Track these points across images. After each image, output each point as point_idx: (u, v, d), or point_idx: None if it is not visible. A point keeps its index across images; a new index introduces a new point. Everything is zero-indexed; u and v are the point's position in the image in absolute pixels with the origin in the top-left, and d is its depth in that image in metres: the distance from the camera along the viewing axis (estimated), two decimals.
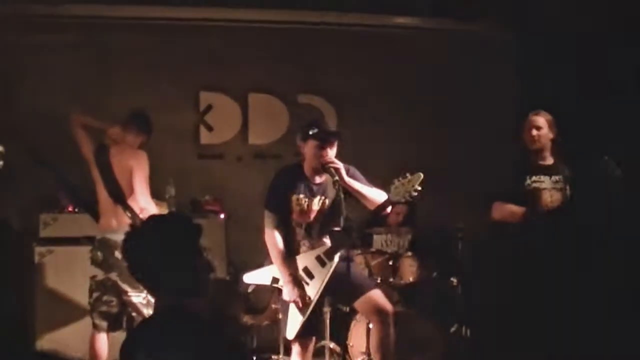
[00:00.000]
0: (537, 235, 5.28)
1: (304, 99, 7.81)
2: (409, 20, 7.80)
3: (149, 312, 5.38)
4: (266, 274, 5.13)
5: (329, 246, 4.97)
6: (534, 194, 5.47)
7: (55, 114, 6.41)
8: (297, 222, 5.03)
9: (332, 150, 4.92)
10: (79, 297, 6.04)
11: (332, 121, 7.50)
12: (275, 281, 5.06)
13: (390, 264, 6.39)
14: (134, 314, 5.47)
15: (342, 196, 4.75)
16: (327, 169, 4.86)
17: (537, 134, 5.52)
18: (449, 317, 6.37)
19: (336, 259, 4.89)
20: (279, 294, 5.12)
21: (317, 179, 5.04)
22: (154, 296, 2.96)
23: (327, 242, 5.02)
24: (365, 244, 6.55)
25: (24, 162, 5.96)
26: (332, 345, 6.17)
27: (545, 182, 5.49)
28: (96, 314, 5.56)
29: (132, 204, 5.50)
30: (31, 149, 6.06)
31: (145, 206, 5.46)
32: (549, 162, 5.58)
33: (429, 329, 5.95)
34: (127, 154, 5.63)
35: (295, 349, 5.03)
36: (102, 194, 5.63)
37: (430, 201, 5.17)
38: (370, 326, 5.38)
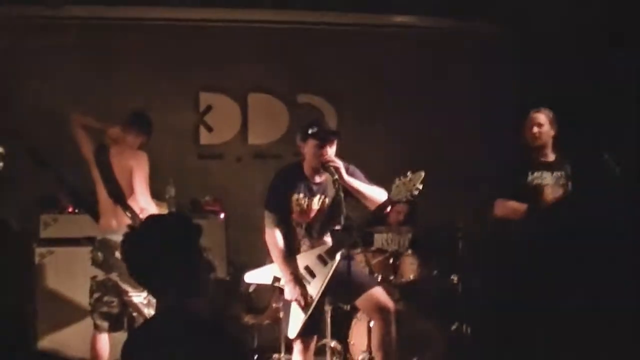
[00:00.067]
0: (539, 231, 5.29)
1: (303, 98, 7.82)
2: (408, 19, 7.80)
3: (149, 312, 5.39)
4: (267, 273, 5.14)
5: (330, 245, 4.99)
6: (536, 190, 5.48)
7: (55, 114, 6.40)
8: (297, 222, 5.03)
9: (332, 149, 4.93)
10: (80, 298, 6.03)
11: (332, 121, 7.51)
12: (276, 280, 5.07)
13: (390, 262, 6.39)
14: (135, 314, 5.47)
15: (342, 195, 4.75)
16: (327, 168, 4.87)
17: (538, 131, 5.55)
18: (449, 315, 6.38)
19: (338, 257, 4.90)
20: (280, 293, 5.13)
21: (317, 179, 5.05)
22: (155, 297, 2.95)
23: (327, 241, 5.04)
24: (366, 243, 6.55)
25: (25, 163, 5.96)
26: (333, 343, 6.17)
27: (547, 179, 5.51)
28: (97, 314, 5.56)
29: (132, 204, 5.50)
30: (31, 150, 6.06)
31: (145, 206, 5.46)
32: (551, 159, 5.60)
33: (430, 327, 5.96)
34: (127, 154, 5.63)
35: (296, 347, 5.04)
36: (102, 194, 5.63)
37: (430, 200, 5.18)
38: (371, 324, 5.38)
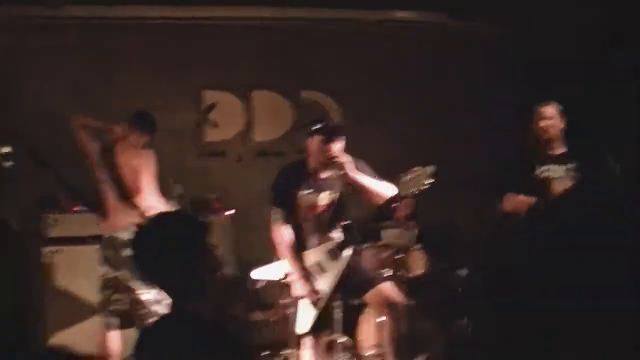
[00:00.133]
0: (546, 225, 5.29)
1: (307, 95, 7.82)
2: (412, 15, 7.79)
3: (159, 309, 5.39)
4: (275, 270, 5.14)
5: (339, 240, 4.98)
6: (544, 184, 5.47)
7: (56, 114, 6.43)
8: (304, 218, 5.03)
9: (338, 145, 4.93)
10: (88, 296, 6.06)
11: (336, 117, 7.52)
12: (284, 277, 5.07)
13: (398, 257, 6.39)
14: (145, 311, 5.48)
15: (348, 190, 4.76)
16: (333, 163, 4.87)
17: (547, 124, 5.53)
18: (457, 310, 6.38)
19: (347, 253, 4.90)
20: (288, 290, 5.14)
21: (323, 174, 5.05)
22: (166, 294, 2.95)
23: (336, 236, 5.03)
24: (374, 238, 6.55)
25: (31, 162, 5.98)
26: (342, 339, 6.18)
27: (556, 172, 5.49)
28: (107, 312, 5.57)
29: (139, 203, 5.52)
30: (31, 150, 6.08)
31: (153, 204, 5.48)
32: (560, 152, 5.58)
33: (438, 322, 5.97)
34: (132, 153, 5.64)
35: (306, 343, 5.05)
36: (109, 193, 5.64)
37: (437, 195, 5.18)
38: (380, 319, 5.38)
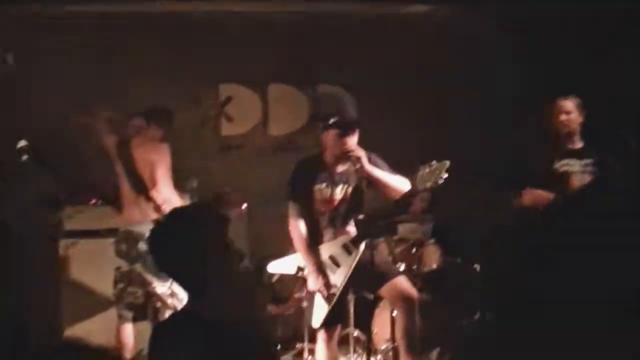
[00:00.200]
0: (564, 219, 5.26)
1: (323, 89, 7.81)
2: (428, 8, 7.74)
3: (173, 302, 5.42)
4: (290, 263, 5.15)
5: (354, 234, 4.98)
6: (563, 178, 5.44)
7: (73, 109, 6.46)
8: (320, 211, 5.04)
9: (353, 138, 4.93)
10: (104, 289, 6.06)
11: (353, 110, 7.49)
12: (299, 270, 5.08)
13: (413, 251, 6.38)
14: (159, 304, 5.50)
15: (364, 184, 4.76)
16: (348, 157, 4.88)
17: (566, 118, 5.50)
18: (472, 304, 6.36)
19: (362, 247, 4.89)
20: (303, 283, 5.14)
21: (338, 168, 5.06)
22: (184, 289, 2.94)
23: (351, 230, 5.03)
24: (390, 232, 6.54)
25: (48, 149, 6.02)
26: (356, 333, 6.18)
27: (574, 166, 5.46)
28: (121, 305, 5.60)
29: (155, 196, 5.53)
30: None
31: (168, 198, 5.49)
32: (578, 146, 5.55)
33: (452, 316, 5.96)
34: (149, 146, 5.66)
35: (320, 337, 5.06)
36: (125, 187, 5.66)
37: (453, 189, 5.16)
38: (394, 314, 5.38)
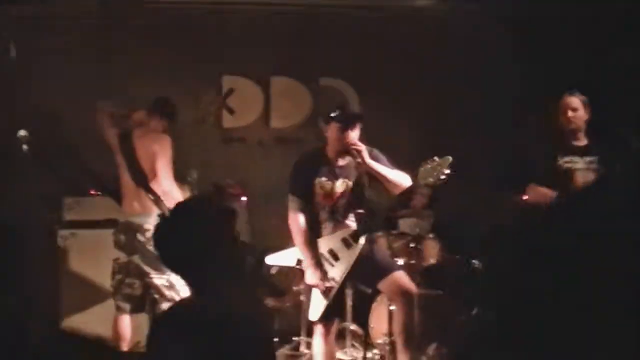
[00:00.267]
0: (567, 216, 5.25)
1: (325, 82, 7.81)
2: (432, 3, 7.73)
3: (171, 294, 5.42)
4: (290, 256, 5.15)
5: (354, 228, 4.98)
6: (566, 175, 5.45)
7: (76, 102, 6.46)
8: (320, 205, 5.04)
9: (355, 132, 4.93)
10: (102, 280, 6.06)
11: (355, 104, 7.50)
12: (298, 263, 5.08)
13: (412, 246, 6.38)
14: (157, 296, 5.49)
15: (365, 179, 4.75)
16: (350, 151, 4.87)
17: (573, 115, 5.50)
18: (470, 300, 6.36)
19: (362, 241, 4.89)
20: (302, 276, 5.14)
21: (340, 162, 5.05)
22: (189, 284, 2.92)
23: (351, 224, 5.03)
24: (390, 227, 6.54)
25: (47, 145, 6.00)
26: (353, 327, 6.19)
27: (578, 163, 5.47)
28: (119, 296, 5.60)
29: (155, 188, 5.53)
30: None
31: (168, 190, 5.49)
32: (583, 143, 5.56)
33: (451, 311, 5.96)
34: (150, 138, 5.65)
35: (318, 331, 5.05)
36: (125, 178, 5.66)
37: (455, 184, 5.16)
38: (391, 308, 5.38)
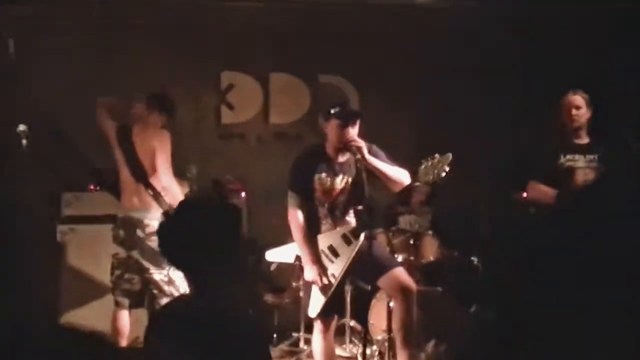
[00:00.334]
0: (567, 215, 5.26)
1: (324, 79, 7.80)
2: (432, 0, 7.73)
3: (170, 289, 5.41)
4: (289, 252, 5.15)
5: (354, 225, 4.97)
6: (567, 173, 5.48)
7: (75, 96, 6.45)
8: (320, 201, 5.04)
9: (354, 129, 4.93)
10: (101, 275, 6.06)
11: (354, 101, 7.50)
12: (297, 259, 5.08)
13: (411, 242, 6.38)
14: (156, 291, 5.48)
15: (364, 175, 4.75)
16: (349, 147, 4.87)
17: (576, 113, 5.54)
18: (469, 297, 6.37)
19: (362, 237, 4.88)
20: (301, 272, 5.14)
21: (339, 158, 5.05)
22: (192, 281, 2.91)
23: (350, 220, 5.03)
24: (389, 223, 6.54)
25: (47, 141, 6.00)
26: (352, 323, 6.19)
27: (579, 161, 5.51)
28: (118, 291, 5.59)
29: (154, 183, 5.52)
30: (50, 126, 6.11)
31: (167, 185, 5.48)
32: (585, 141, 5.60)
33: (450, 308, 5.96)
34: (149, 133, 5.63)
35: (317, 327, 5.05)
36: (124, 173, 5.64)
37: (454, 181, 5.17)
38: (391, 304, 5.38)
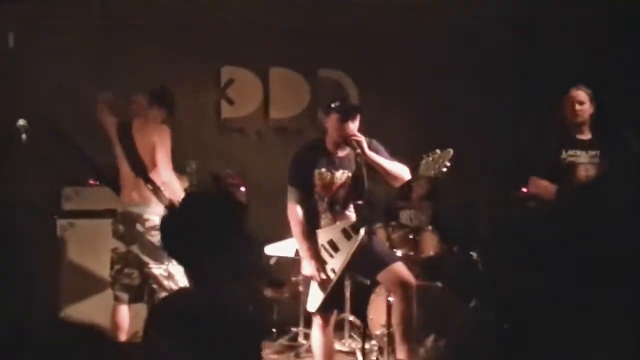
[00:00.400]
0: (569, 212, 5.27)
1: (324, 73, 7.80)
2: None
3: (169, 284, 5.42)
4: (288, 247, 5.15)
5: (354, 219, 4.97)
6: (569, 168, 5.49)
7: (75, 92, 6.45)
8: (320, 195, 5.04)
9: (354, 123, 4.93)
10: (101, 270, 6.06)
11: (354, 96, 7.50)
12: (297, 254, 5.09)
13: (411, 237, 6.39)
14: (155, 286, 5.49)
15: (364, 170, 4.75)
16: (349, 142, 4.87)
17: (580, 108, 5.56)
18: (468, 292, 6.37)
19: (362, 232, 4.87)
20: (300, 267, 5.14)
21: (339, 153, 5.05)
22: (193, 276, 2.90)
23: (350, 215, 5.03)
24: (389, 218, 6.55)
25: (47, 136, 6.00)
26: (352, 318, 6.19)
27: (581, 157, 5.53)
28: (117, 286, 5.60)
29: (154, 178, 5.52)
30: (49, 122, 6.09)
31: (167, 180, 5.48)
32: (587, 137, 5.62)
33: (449, 303, 5.96)
34: (149, 128, 5.63)
35: (316, 321, 5.05)
36: (124, 168, 5.65)
37: (455, 179, 5.17)
38: (390, 299, 5.38)
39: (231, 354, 2.67)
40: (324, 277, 4.88)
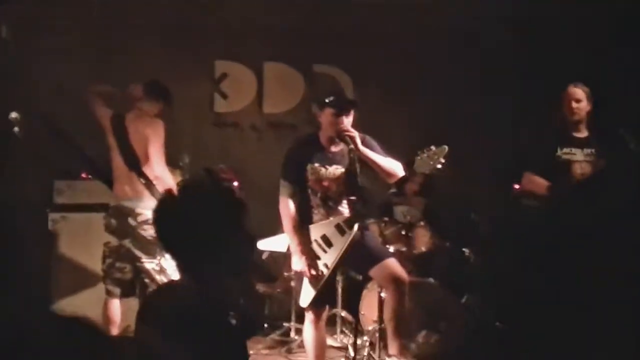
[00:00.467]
0: (563, 208, 5.29)
1: (319, 68, 7.79)
2: None
3: (162, 278, 5.41)
4: (281, 242, 5.14)
5: (348, 215, 4.97)
6: (564, 165, 5.50)
7: (70, 86, 6.43)
8: (313, 190, 5.03)
9: (348, 119, 4.92)
10: (93, 264, 6.05)
11: (349, 91, 7.49)
12: (289, 249, 5.08)
13: (403, 233, 6.38)
14: (147, 280, 5.48)
15: (357, 165, 4.74)
16: (343, 137, 4.86)
17: (577, 106, 5.58)
18: (460, 288, 6.38)
19: (355, 228, 4.86)
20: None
21: (333, 148, 5.05)
22: (185, 268, 2.87)
23: (343, 210, 5.02)
24: (382, 214, 6.54)
25: (39, 130, 5.98)
26: (344, 313, 6.20)
27: (577, 155, 5.55)
28: (109, 280, 5.59)
29: (147, 172, 5.51)
30: (46, 118, 6.08)
31: (160, 174, 5.47)
32: (583, 135, 5.64)
33: (441, 299, 5.96)
34: (143, 122, 5.62)
35: (308, 317, 5.05)
36: (117, 161, 5.63)
37: (451, 177, 5.18)
38: (382, 295, 5.38)
39: (222, 347, 2.66)
40: (314, 272, 4.88)
